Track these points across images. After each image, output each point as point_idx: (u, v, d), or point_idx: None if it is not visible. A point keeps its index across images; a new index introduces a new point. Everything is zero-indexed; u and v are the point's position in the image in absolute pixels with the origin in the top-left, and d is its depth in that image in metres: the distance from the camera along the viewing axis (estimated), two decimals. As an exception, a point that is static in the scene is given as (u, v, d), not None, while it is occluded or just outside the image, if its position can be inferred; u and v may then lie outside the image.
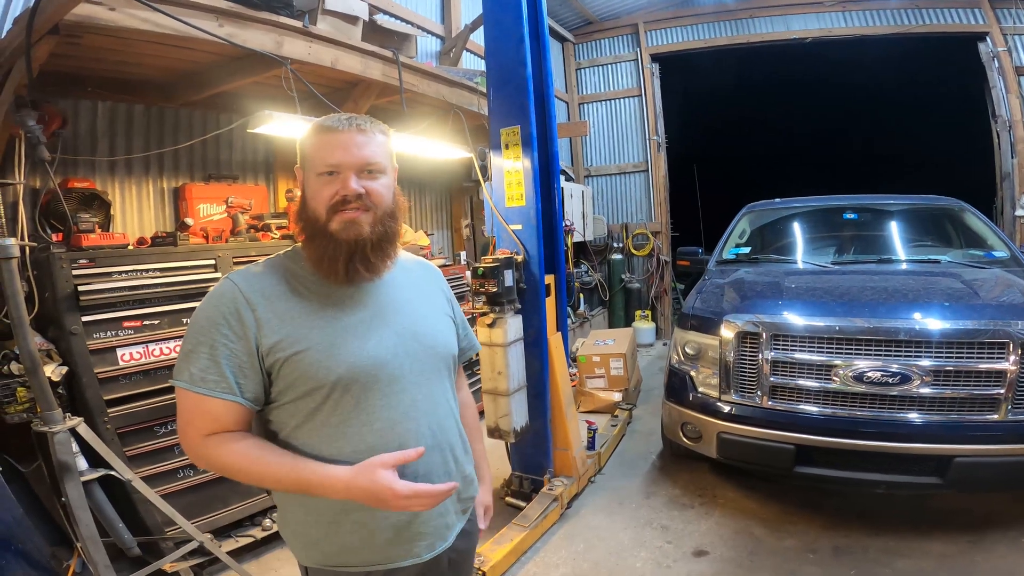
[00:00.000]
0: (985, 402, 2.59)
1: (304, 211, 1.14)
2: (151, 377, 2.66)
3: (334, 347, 1.09)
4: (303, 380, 1.08)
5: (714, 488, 3.45)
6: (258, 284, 1.11)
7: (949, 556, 2.63)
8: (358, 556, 1.13)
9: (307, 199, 1.14)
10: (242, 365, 1.06)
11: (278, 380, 1.09)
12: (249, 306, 1.07)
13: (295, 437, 1.11)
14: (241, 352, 1.06)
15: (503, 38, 3.19)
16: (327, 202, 1.10)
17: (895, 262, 3.87)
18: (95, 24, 2.28)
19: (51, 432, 2.08)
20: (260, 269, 1.16)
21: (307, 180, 1.14)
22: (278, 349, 1.07)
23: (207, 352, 1.05)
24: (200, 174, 3.67)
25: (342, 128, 1.11)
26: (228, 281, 1.11)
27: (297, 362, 1.07)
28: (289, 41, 3.03)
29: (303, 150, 1.16)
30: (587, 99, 8.52)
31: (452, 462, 1.23)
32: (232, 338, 1.06)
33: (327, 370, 1.07)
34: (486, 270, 3.03)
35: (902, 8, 6.94)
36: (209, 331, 1.06)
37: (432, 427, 1.19)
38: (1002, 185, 6.73)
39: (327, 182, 1.10)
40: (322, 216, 1.11)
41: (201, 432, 1.07)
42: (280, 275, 1.14)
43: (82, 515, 2.11)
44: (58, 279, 2.41)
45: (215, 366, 1.05)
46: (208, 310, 1.08)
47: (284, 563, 2.80)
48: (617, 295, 8.03)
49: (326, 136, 1.11)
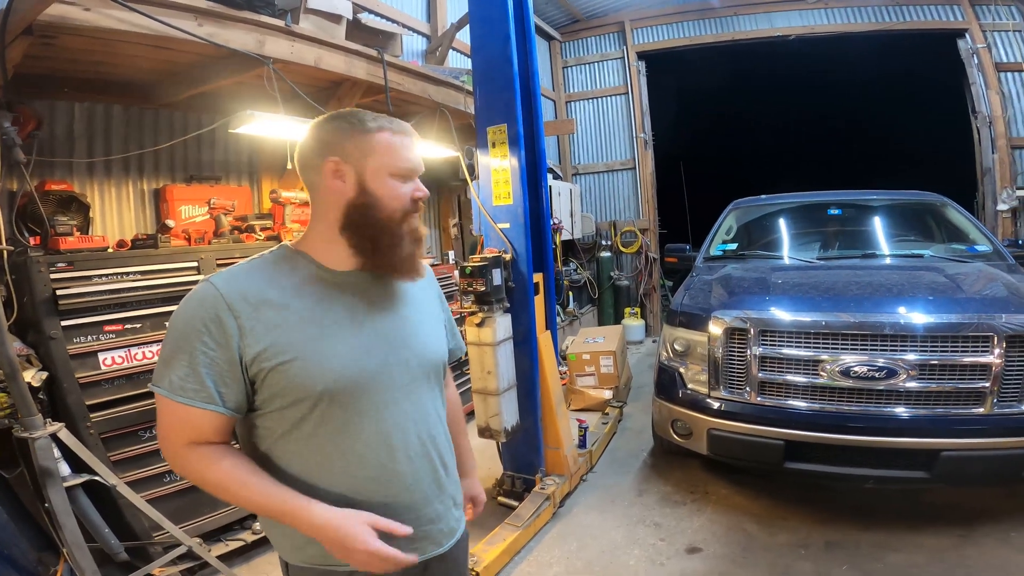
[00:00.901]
0: (971, 396, 2.62)
1: (371, 210, 1.09)
2: (134, 381, 2.61)
3: (322, 357, 1.05)
4: (289, 391, 1.04)
5: (706, 485, 3.46)
6: (241, 288, 1.05)
7: (940, 550, 2.65)
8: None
9: (381, 198, 1.10)
10: (223, 374, 1.02)
11: (263, 389, 1.05)
12: (231, 313, 1.02)
13: (280, 446, 1.08)
14: (222, 360, 1.02)
15: (489, 36, 3.17)
16: (405, 203, 1.12)
17: (879, 257, 3.91)
18: (69, 24, 2.23)
19: (32, 438, 2.05)
20: (243, 271, 1.09)
21: (377, 178, 1.09)
22: (263, 359, 1.02)
23: (186, 360, 1.01)
24: (181, 175, 3.61)
25: (410, 134, 1.15)
26: (209, 285, 1.04)
27: (283, 372, 1.03)
28: (271, 40, 2.99)
29: (363, 146, 1.09)
30: (574, 97, 8.53)
31: (441, 469, 1.21)
32: (212, 346, 1.01)
33: (313, 382, 1.04)
34: (474, 269, 3.01)
35: (883, 5, 7.02)
36: (189, 338, 1.02)
37: (422, 437, 1.17)
38: (983, 180, 6.83)
39: (401, 184, 1.12)
40: (398, 216, 1.11)
41: (182, 441, 1.04)
42: (266, 278, 1.08)
43: (66, 521, 2.08)
44: (36, 283, 2.37)
45: (194, 375, 1.01)
46: (187, 315, 1.03)
47: (275, 567, 2.74)
48: (606, 293, 8.05)
49: (400, 139, 1.12)
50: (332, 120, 1.13)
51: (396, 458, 1.11)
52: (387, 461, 1.11)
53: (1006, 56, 6.61)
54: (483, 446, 3.74)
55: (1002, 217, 6.47)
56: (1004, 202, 6.41)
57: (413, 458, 1.14)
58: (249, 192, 3.98)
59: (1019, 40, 6.53)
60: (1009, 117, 6.55)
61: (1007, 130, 6.53)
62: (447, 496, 1.23)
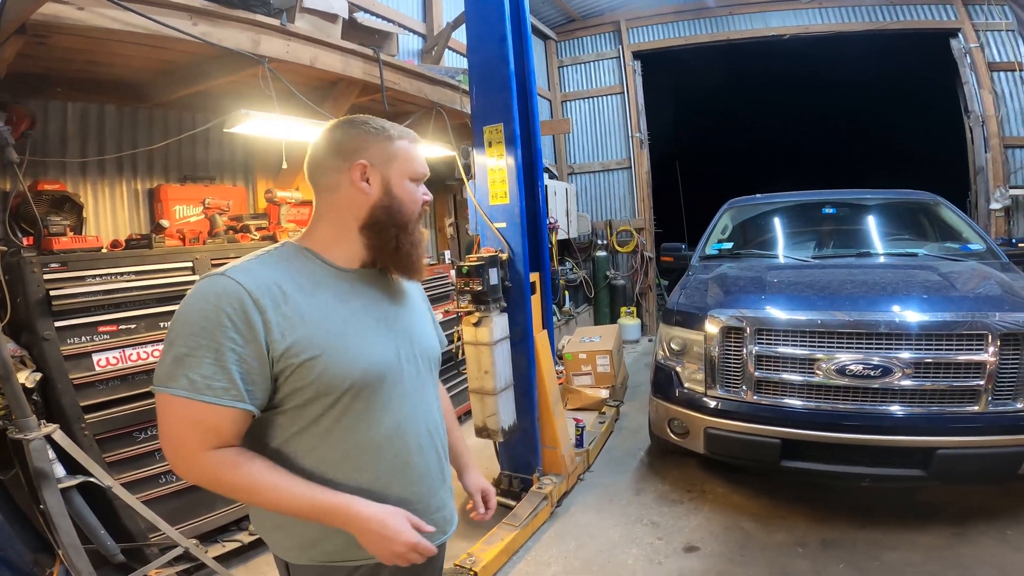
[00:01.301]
0: (965, 394, 2.63)
1: (397, 212, 1.17)
2: (129, 382, 2.60)
3: (349, 352, 1.06)
4: (315, 386, 1.04)
5: (703, 483, 3.47)
6: (263, 282, 1.03)
7: (936, 548, 2.67)
8: (359, 552, 1.09)
9: (404, 201, 1.17)
10: (251, 371, 0.99)
11: (284, 385, 1.03)
12: (257, 308, 0.99)
13: (294, 442, 1.07)
14: (250, 357, 0.99)
15: (485, 36, 3.17)
16: (419, 206, 1.21)
17: (873, 255, 3.92)
18: (63, 24, 2.22)
19: (26, 439, 2.05)
20: (259, 265, 1.07)
21: (400, 183, 1.17)
22: (291, 355, 1.01)
23: (211, 356, 0.97)
24: (176, 175, 3.59)
25: (420, 142, 1.24)
26: (226, 279, 1.01)
27: (311, 368, 1.02)
28: (266, 39, 2.98)
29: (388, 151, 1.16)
30: (570, 97, 8.53)
31: (445, 459, 1.28)
32: (240, 342, 0.98)
33: (342, 377, 1.05)
34: (471, 268, 3.01)
35: (876, 5, 7.05)
36: (211, 333, 0.97)
37: (429, 428, 1.22)
38: (976, 179, 6.87)
39: (415, 189, 1.20)
40: (414, 218, 1.19)
41: (201, 446, 0.98)
42: (281, 273, 1.07)
43: (62, 522, 2.08)
44: (29, 284, 2.35)
45: (222, 371, 0.97)
46: (206, 309, 0.98)
47: (273, 568, 2.75)
48: (602, 292, 8.06)
49: (416, 147, 1.22)
50: (354, 126, 1.17)
51: (409, 449, 1.15)
52: (402, 453, 1.14)
53: (999, 55, 6.64)
54: (480, 446, 3.75)
55: (995, 216, 6.50)
56: (997, 201, 6.44)
57: (424, 448, 1.19)
58: (244, 192, 3.96)
59: (1012, 39, 6.56)
60: (1002, 116, 6.58)
61: (1000, 129, 6.56)
62: (447, 486, 1.27)
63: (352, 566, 1.12)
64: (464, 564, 2.58)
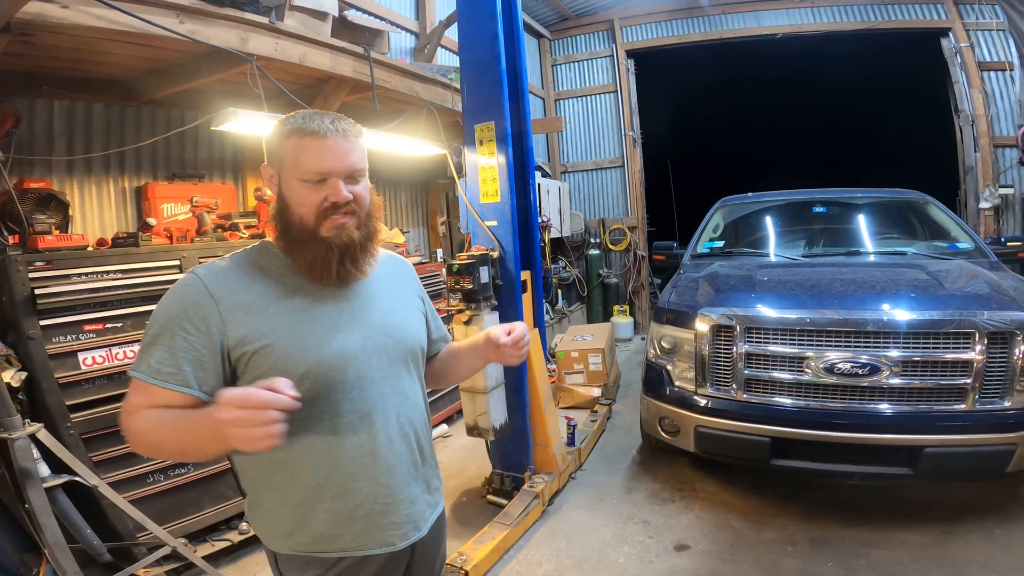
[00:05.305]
0: (952, 392, 2.65)
1: (286, 215, 1.13)
2: (116, 381, 2.58)
3: (303, 340, 1.09)
4: (271, 373, 1.03)
5: (694, 482, 3.47)
6: (223, 278, 1.10)
7: (925, 546, 2.68)
8: (333, 544, 1.14)
9: (290, 204, 1.12)
10: (201, 359, 1.05)
11: (247, 372, 1.08)
12: (213, 300, 1.07)
13: None
14: (201, 346, 1.05)
15: (477, 34, 3.16)
16: (317, 208, 1.10)
17: (863, 254, 3.94)
18: (47, 22, 2.20)
19: (11, 439, 2.04)
20: (225, 263, 1.15)
21: (288, 183, 1.12)
22: (246, 343, 1.06)
23: (165, 344, 1.04)
24: (163, 173, 3.57)
25: (328, 134, 1.09)
26: (192, 275, 1.10)
27: (266, 355, 1.07)
28: (255, 37, 2.96)
29: (279, 151, 1.12)
30: (563, 95, 8.53)
31: (417, 453, 1.25)
32: (192, 331, 1.04)
33: (295, 364, 1.07)
34: (461, 267, 3.00)
35: (868, 4, 7.08)
36: (169, 324, 1.05)
37: (400, 419, 1.20)
38: (965, 178, 6.91)
39: (315, 188, 1.10)
40: (311, 222, 1.11)
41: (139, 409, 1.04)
42: (246, 269, 1.14)
43: (47, 522, 2.07)
44: (14, 282, 2.34)
45: (172, 358, 1.03)
46: (169, 304, 1.08)
47: (263, 567, 2.73)
48: (595, 290, 8.06)
49: (312, 141, 1.08)
50: (277, 125, 1.14)
51: (377, 439, 1.15)
52: (368, 441, 1.14)
53: (989, 55, 6.68)
54: (471, 444, 3.74)
55: (984, 215, 6.55)
56: (986, 200, 6.49)
57: (394, 439, 1.19)
58: (233, 190, 3.94)
59: (1002, 39, 6.60)
60: (992, 116, 6.62)
61: (989, 128, 6.61)
62: (421, 479, 1.26)
63: (333, 558, 1.14)
64: (455, 563, 2.58)
